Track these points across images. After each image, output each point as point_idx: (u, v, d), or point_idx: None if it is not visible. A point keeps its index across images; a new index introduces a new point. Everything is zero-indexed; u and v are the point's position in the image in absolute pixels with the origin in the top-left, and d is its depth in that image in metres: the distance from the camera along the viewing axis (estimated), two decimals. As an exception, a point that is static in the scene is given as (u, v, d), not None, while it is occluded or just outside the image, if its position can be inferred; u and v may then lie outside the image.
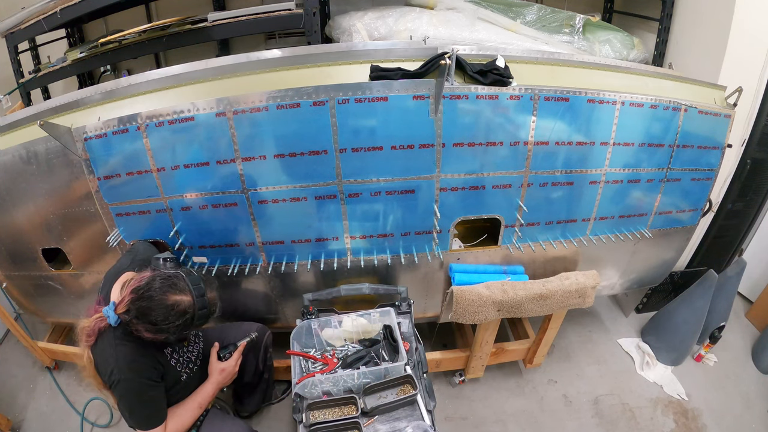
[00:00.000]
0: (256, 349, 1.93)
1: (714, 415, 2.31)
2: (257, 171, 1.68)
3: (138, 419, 1.42)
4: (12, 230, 1.95)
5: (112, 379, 1.35)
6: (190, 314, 1.35)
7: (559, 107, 1.72)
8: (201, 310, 1.37)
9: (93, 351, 1.37)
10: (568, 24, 2.48)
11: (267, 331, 1.97)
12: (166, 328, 1.32)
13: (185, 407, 1.55)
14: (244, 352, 1.85)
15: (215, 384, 1.64)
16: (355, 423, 1.45)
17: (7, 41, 2.71)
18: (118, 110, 1.63)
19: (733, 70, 2.16)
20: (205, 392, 1.61)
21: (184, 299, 1.34)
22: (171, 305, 1.32)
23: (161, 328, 1.32)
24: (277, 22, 2.28)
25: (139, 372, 1.38)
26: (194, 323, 1.37)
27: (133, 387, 1.38)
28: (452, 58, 1.54)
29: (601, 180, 1.92)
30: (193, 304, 1.35)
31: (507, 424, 2.25)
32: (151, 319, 1.31)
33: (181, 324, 1.34)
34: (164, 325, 1.32)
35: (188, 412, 1.55)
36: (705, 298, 2.39)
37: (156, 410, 1.45)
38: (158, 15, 3.00)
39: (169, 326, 1.32)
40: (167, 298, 1.32)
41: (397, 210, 1.82)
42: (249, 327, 1.92)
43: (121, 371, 1.34)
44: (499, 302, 1.84)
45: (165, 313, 1.31)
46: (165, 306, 1.31)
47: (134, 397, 1.39)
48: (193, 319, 1.36)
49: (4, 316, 2.24)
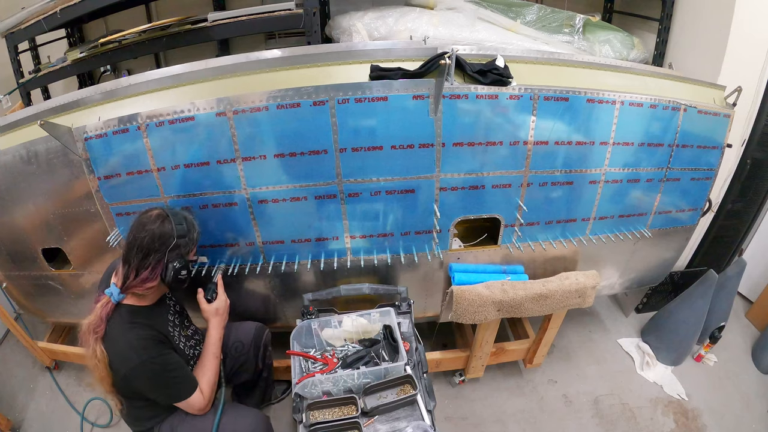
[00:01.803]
0: (255, 348, 1.93)
1: (714, 415, 2.31)
2: (257, 171, 1.68)
3: (175, 392, 1.48)
4: (12, 230, 1.95)
5: (130, 366, 1.37)
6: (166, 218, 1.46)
7: (559, 107, 1.72)
8: (175, 216, 1.48)
9: (104, 344, 1.38)
10: (568, 24, 2.48)
11: (265, 330, 1.97)
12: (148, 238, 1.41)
13: (204, 364, 1.60)
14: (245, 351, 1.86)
15: (218, 327, 1.67)
16: (355, 423, 1.44)
17: (7, 41, 2.71)
18: (118, 110, 1.63)
19: (733, 70, 2.16)
20: (213, 340, 1.64)
21: (154, 211, 1.48)
22: (147, 216, 1.46)
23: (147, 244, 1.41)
24: (277, 22, 2.29)
25: (156, 349, 1.42)
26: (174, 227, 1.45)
27: (156, 365, 1.40)
28: (452, 57, 1.54)
29: (601, 179, 1.93)
30: (164, 210, 1.49)
31: (507, 424, 2.25)
32: (136, 240, 1.41)
33: (159, 227, 1.43)
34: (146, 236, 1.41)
35: (209, 366, 1.60)
36: (705, 298, 2.39)
37: (187, 376, 1.51)
38: (158, 15, 3.01)
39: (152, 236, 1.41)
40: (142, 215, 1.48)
41: (397, 210, 1.82)
42: (248, 327, 1.92)
43: (139, 353, 1.37)
44: (499, 302, 1.84)
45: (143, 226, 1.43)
46: (142, 221, 1.45)
47: (160, 373, 1.42)
48: (172, 224, 1.45)
49: (4, 316, 2.24)
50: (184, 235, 1.48)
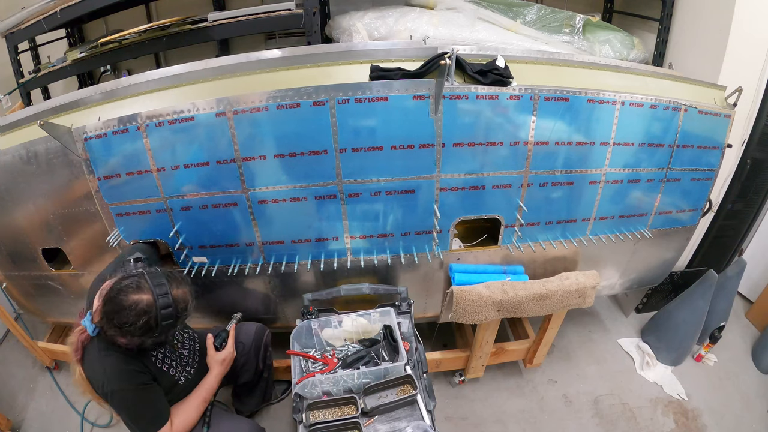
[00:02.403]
0: (256, 348, 1.93)
1: (714, 415, 2.31)
2: (257, 171, 1.68)
3: (141, 425, 1.43)
4: (12, 230, 1.94)
5: (104, 391, 1.36)
6: (153, 313, 1.28)
7: (559, 107, 1.72)
8: (164, 309, 1.30)
9: (83, 366, 1.38)
10: (568, 24, 2.48)
11: (266, 330, 1.97)
12: (130, 330, 1.27)
13: (190, 403, 1.56)
14: (245, 352, 1.86)
15: (218, 376, 1.65)
16: (355, 423, 1.45)
17: (7, 41, 2.71)
18: (118, 110, 1.63)
19: (733, 70, 2.15)
20: (209, 385, 1.62)
21: (143, 297, 1.28)
22: (131, 305, 1.27)
23: (127, 330, 1.28)
24: (277, 22, 2.29)
25: (129, 380, 1.38)
26: (159, 323, 1.30)
27: (128, 395, 1.38)
28: (452, 58, 1.54)
29: (601, 180, 1.92)
30: (153, 303, 1.29)
31: (507, 424, 2.25)
32: (115, 322, 1.27)
33: (143, 324, 1.27)
34: (128, 327, 1.27)
35: (193, 407, 1.55)
36: (705, 298, 2.38)
37: (156, 412, 1.45)
38: (158, 15, 3.01)
39: (132, 328, 1.27)
40: (127, 298, 1.27)
41: (397, 210, 1.82)
42: (249, 327, 1.92)
43: (111, 382, 1.35)
44: (499, 302, 1.84)
45: (126, 314, 1.26)
46: (125, 307, 1.27)
47: (131, 404, 1.40)
48: (157, 319, 1.29)
49: (4, 316, 2.24)
50: (170, 327, 1.34)
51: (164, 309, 1.30)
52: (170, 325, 1.33)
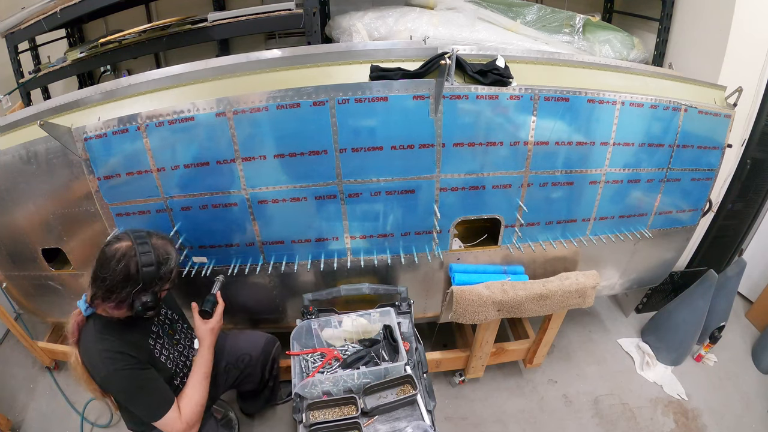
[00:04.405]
0: (264, 361, 1.92)
1: (714, 415, 2.31)
2: (257, 171, 1.68)
3: (146, 408, 1.39)
4: (12, 230, 1.94)
5: (102, 375, 1.33)
6: (132, 257, 1.32)
7: (559, 107, 1.72)
8: (144, 254, 1.34)
9: (79, 350, 1.38)
10: (568, 24, 2.48)
11: (275, 344, 1.96)
12: (113, 283, 1.29)
13: (193, 385, 1.52)
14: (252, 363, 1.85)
15: (210, 347, 1.61)
16: (355, 423, 1.45)
17: (7, 41, 2.70)
18: (118, 110, 1.63)
19: (733, 70, 2.16)
20: (204, 359, 1.58)
21: (122, 245, 1.34)
22: (112, 253, 1.32)
23: (110, 286, 1.30)
24: (277, 22, 2.29)
25: (127, 360, 1.35)
26: (140, 269, 1.32)
27: (125, 376, 1.34)
28: (452, 58, 1.53)
29: (601, 180, 1.92)
30: (132, 246, 1.34)
31: (507, 424, 2.25)
32: (100, 275, 1.31)
33: (123, 269, 1.30)
34: (108, 276, 1.29)
35: (197, 387, 1.52)
36: (705, 298, 2.39)
37: (159, 393, 1.41)
38: (158, 15, 3.00)
39: (114, 278, 1.29)
40: (109, 248, 1.34)
41: (397, 210, 1.81)
42: (257, 338, 1.91)
43: (106, 365, 1.32)
44: (499, 302, 1.84)
45: (107, 264, 1.31)
46: (107, 257, 1.32)
47: (131, 386, 1.36)
48: (137, 265, 1.32)
49: (4, 316, 2.24)
50: (152, 277, 1.35)
51: (144, 254, 1.34)
52: (152, 273, 1.34)
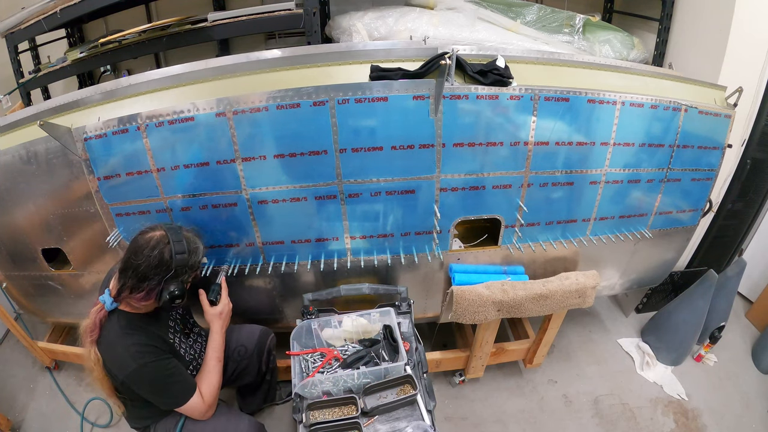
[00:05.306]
0: (259, 353, 1.93)
1: (714, 415, 2.31)
2: (257, 171, 1.68)
3: (172, 397, 1.46)
4: (12, 230, 1.94)
5: (131, 370, 1.36)
6: (166, 245, 1.39)
7: (560, 107, 1.72)
8: (177, 242, 1.41)
9: (99, 347, 1.38)
10: (568, 24, 2.48)
11: (270, 335, 1.97)
12: (147, 270, 1.35)
13: (208, 369, 1.59)
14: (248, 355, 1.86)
15: (220, 331, 1.67)
16: (355, 423, 1.44)
17: (7, 41, 2.71)
18: (118, 110, 1.63)
19: (733, 70, 2.16)
20: (216, 344, 1.64)
21: (156, 233, 1.41)
22: (146, 241, 1.39)
23: (144, 273, 1.35)
24: (277, 22, 2.29)
25: (154, 353, 1.40)
26: (173, 256, 1.39)
27: (152, 369, 1.39)
28: (452, 58, 1.53)
29: (602, 180, 1.92)
30: (165, 235, 1.41)
31: (507, 424, 2.25)
32: (133, 263, 1.36)
33: (158, 256, 1.37)
34: (143, 262, 1.35)
35: (212, 371, 1.59)
36: (705, 298, 2.39)
37: (184, 381, 1.48)
38: (158, 15, 3.01)
39: (148, 264, 1.35)
40: (143, 237, 1.41)
41: (397, 210, 1.81)
42: (252, 330, 1.92)
43: (135, 359, 1.36)
44: (499, 302, 1.84)
45: (142, 251, 1.37)
46: (141, 245, 1.38)
47: (158, 377, 1.41)
48: (171, 252, 1.39)
49: (4, 316, 2.24)
50: (184, 264, 1.43)
51: (177, 242, 1.42)
52: (183, 261, 1.42)
